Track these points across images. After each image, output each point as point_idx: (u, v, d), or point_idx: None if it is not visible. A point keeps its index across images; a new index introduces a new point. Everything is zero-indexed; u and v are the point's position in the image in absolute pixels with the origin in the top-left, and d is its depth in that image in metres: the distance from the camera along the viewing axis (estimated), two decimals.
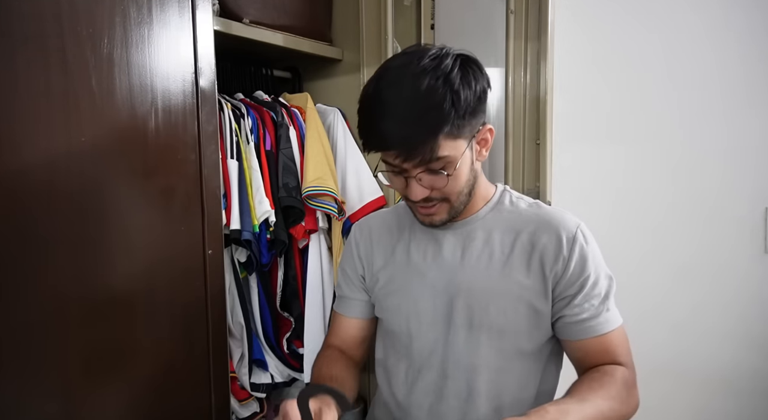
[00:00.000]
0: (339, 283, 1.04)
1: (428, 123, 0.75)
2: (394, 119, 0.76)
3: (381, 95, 0.78)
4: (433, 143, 0.76)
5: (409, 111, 0.75)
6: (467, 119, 0.79)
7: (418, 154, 0.76)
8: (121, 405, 1.01)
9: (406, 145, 0.76)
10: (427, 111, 0.75)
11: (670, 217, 1.54)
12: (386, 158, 0.81)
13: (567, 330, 0.88)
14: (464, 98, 0.77)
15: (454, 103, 0.76)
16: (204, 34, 1.09)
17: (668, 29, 1.49)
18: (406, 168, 0.80)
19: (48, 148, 0.89)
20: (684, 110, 1.51)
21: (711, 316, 1.52)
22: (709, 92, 1.49)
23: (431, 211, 0.86)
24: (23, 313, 0.88)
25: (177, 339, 1.09)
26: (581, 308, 0.87)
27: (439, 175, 0.80)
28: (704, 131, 1.50)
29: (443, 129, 0.76)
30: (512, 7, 1.36)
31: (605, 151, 1.55)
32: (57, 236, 0.91)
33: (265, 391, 1.38)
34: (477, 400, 0.89)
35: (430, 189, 0.82)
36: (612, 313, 0.88)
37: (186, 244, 1.09)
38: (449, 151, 0.78)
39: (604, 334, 0.87)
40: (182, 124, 1.07)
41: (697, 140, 1.51)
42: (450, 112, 0.76)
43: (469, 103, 0.78)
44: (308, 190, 1.37)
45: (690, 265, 1.53)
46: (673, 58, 1.50)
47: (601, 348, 0.87)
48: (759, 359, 1.50)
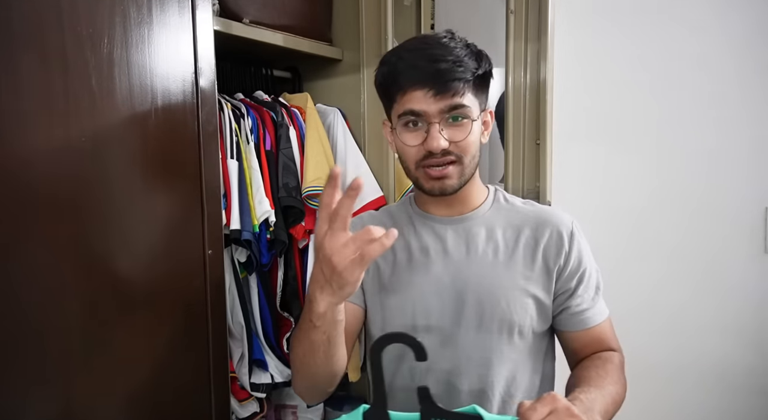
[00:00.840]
0: None
1: (459, 66, 0.82)
2: (428, 57, 0.82)
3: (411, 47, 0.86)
4: (464, 84, 0.82)
5: (442, 54, 0.82)
6: (483, 86, 0.88)
7: (449, 90, 0.81)
8: (121, 405, 1.01)
9: (441, 79, 0.81)
10: (457, 58, 0.82)
11: (670, 217, 1.55)
12: (411, 104, 0.84)
13: (568, 321, 0.93)
14: (484, 62, 0.86)
15: (477, 59, 0.85)
16: (204, 34, 1.09)
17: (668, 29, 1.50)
18: (430, 112, 0.83)
19: (48, 148, 0.89)
20: (684, 110, 1.51)
21: (710, 315, 1.53)
22: (709, 92, 1.49)
23: (446, 171, 0.86)
24: (23, 313, 0.88)
25: (177, 339, 1.09)
26: (582, 299, 0.92)
27: (459, 127, 0.84)
28: (704, 131, 1.50)
29: (470, 75, 0.83)
30: (512, 7, 1.36)
31: (605, 151, 1.55)
32: (57, 236, 0.91)
33: (265, 391, 1.38)
34: (489, 392, 0.90)
35: (450, 142, 0.84)
36: (602, 303, 0.95)
37: (186, 244, 1.09)
38: (471, 103, 0.84)
39: (599, 323, 0.93)
40: (182, 124, 1.07)
41: (697, 140, 1.51)
42: (474, 64, 0.84)
43: (487, 70, 0.87)
44: (308, 190, 1.37)
45: (689, 265, 1.54)
46: (673, 58, 1.50)
47: (599, 337, 0.93)
48: (756, 358, 1.50)
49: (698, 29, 1.47)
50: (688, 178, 1.52)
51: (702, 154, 1.51)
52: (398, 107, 0.87)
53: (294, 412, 1.56)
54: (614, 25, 1.52)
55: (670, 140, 1.52)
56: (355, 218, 1.06)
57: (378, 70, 0.89)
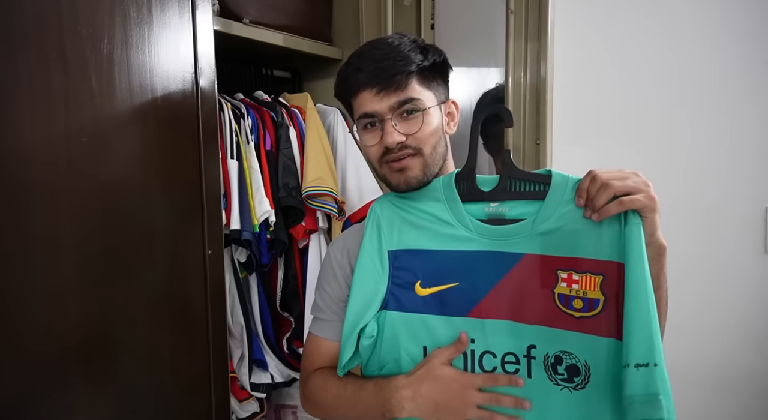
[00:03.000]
0: (317, 304, 0.95)
1: (401, 61, 0.85)
2: (370, 59, 0.86)
3: (358, 52, 0.89)
4: (406, 78, 0.85)
5: (384, 54, 0.86)
6: (435, 77, 0.89)
7: (393, 85, 0.84)
8: (121, 405, 1.01)
9: (382, 77, 0.84)
10: (399, 54, 0.86)
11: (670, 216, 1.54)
12: (362, 107, 0.88)
13: None
14: (431, 55, 0.88)
15: (422, 52, 0.87)
16: (204, 34, 1.09)
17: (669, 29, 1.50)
18: (381, 111, 0.86)
19: (48, 148, 0.89)
20: (684, 110, 1.51)
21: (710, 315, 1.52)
22: (709, 92, 1.49)
23: (405, 163, 0.87)
24: (23, 312, 0.88)
25: (177, 339, 1.09)
26: None
27: (413, 120, 0.86)
28: (704, 131, 1.50)
29: (414, 67, 0.85)
30: (512, 7, 1.36)
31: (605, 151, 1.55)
32: (57, 236, 0.91)
33: (265, 391, 1.38)
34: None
35: (405, 135, 0.86)
36: None
37: (186, 244, 1.10)
38: (420, 95, 0.86)
39: None
40: (182, 124, 1.07)
41: (698, 140, 1.51)
42: (419, 57, 0.86)
43: (435, 62, 0.89)
44: (308, 190, 1.37)
45: (689, 265, 1.53)
46: (674, 58, 1.50)
47: None
48: (757, 359, 1.50)
49: (699, 29, 1.47)
50: (688, 178, 1.52)
51: (702, 153, 1.50)
52: (355, 113, 0.90)
53: (294, 412, 1.56)
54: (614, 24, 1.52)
55: (670, 140, 1.52)
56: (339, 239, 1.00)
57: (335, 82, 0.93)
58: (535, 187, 0.80)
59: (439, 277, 0.82)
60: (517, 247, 0.79)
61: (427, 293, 0.83)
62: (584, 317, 0.75)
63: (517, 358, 0.78)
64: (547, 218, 0.78)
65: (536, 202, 0.80)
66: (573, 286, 0.76)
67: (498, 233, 0.80)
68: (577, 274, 0.75)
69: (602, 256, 0.74)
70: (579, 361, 0.75)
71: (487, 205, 0.83)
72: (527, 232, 0.79)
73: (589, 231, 0.75)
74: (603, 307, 0.74)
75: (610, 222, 0.75)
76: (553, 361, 0.76)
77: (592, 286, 0.74)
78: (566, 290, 0.76)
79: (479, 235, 0.81)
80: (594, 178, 0.75)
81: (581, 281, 0.75)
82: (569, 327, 0.75)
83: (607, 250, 0.74)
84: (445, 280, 0.82)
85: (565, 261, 0.76)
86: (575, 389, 0.75)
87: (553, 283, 0.77)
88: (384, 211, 0.88)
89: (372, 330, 0.84)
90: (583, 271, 0.75)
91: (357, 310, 0.84)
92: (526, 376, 0.78)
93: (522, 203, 0.81)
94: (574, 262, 0.76)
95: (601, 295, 0.74)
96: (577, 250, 0.76)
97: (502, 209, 0.82)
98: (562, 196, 0.78)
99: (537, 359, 0.77)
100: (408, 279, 0.84)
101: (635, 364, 0.70)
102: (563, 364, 0.75)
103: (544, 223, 0.78)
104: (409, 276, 0.84)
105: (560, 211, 0.77)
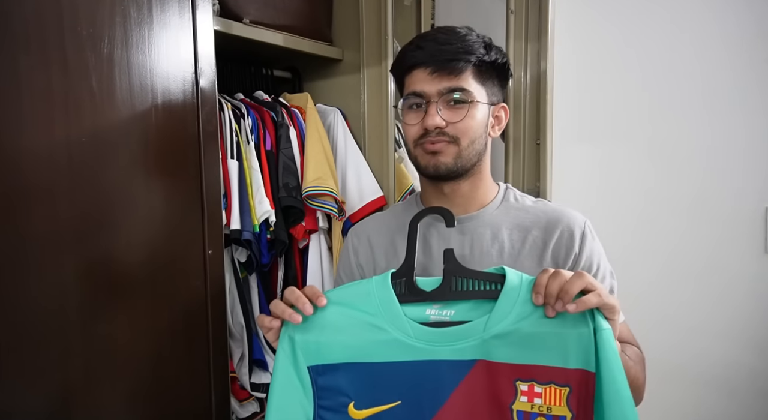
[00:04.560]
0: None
1: (462, 49, 0.84)
2: (434, 40, 0.86)
3: (424, 34, 0.89)
4: (463, 67, 0.84)
5: (448, 39, 0.85)
6: (492, 76, 0.88)
7: (447, 70, 0.83)
8: (121, 404, 1.01)
9: (440, 59, 0.84)
10: (464, 42, 0.85)
11: (670, 217, 1.54)
12: (413, 86, 0.87)
13: None
14: (494, 53, 0.87)
15: (485, 48, 0.86)
16: (204, 34, 1.09)
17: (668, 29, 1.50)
18: (429, 93, 0.85)
19: (48, 148, 0.89)
20: (684, 110, 1.51)
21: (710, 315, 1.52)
22: (709, 92, 1.49)
23: (439, 147, 0.86)
24: (22, 312, 0.88)
25: (177, 339, 1.09)
26: None
27: (458, 110, 0.85)
28: (704, 131, 1.50)
29: (473, 59, 0.84)
30: (512, 7, 1.36)
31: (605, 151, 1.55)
32: (57, 236, 0.91)
33: (265, 391, 1.38)
34: None
35: (446, 122, 0.85)
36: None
37: (186, 244, 1.09)
38: (472, 88, 0.85)
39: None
40: (182, 124, 1.07)
41: (697, 140, 1.51)
42: (482, 51, 0.85)
43: (497, 61, 0.88)
44: (308, 190, 1.37)
45: (689, 265, 1.54)
46: (673, 58, 1.50)
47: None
48: (756, 359, 1.50)
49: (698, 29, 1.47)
50: (688, 177, 1.52)
51: (702, 154, 1.50)
52: (405, 89, 0.90)
53: None
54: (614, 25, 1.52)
55: (671, 140, 1.52)
56: (358, 225, 1.05)
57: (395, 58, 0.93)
58: (486, 286, 0.70)
59: (375, 395, 0.70)
60: (467, 353, 0.68)
61: (363, 417, 0.71)
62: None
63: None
64: (501, 319, 0.67)
65: (487, 304, 0.69)
66: (535, 401, 0.65)
67: (443, 337, 0.69)
68: (540, 385, 0.65)
69: (569, 364, 0.65)
70: None
71: (429, 307, 0.72)
72: (479, 334, 0.67)
73: (550, 334, 0.65)
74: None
75: (575, 324, 0.65)
76: None
77: (557, 401, 0.65)
78: (527, 406, 0.65)
79: (420, 342, 0.69)
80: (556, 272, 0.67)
81: (544, 394, 0.65)
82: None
83: (573, 356, 0.64)
84: (384, 399, 0.70)
85: (524, 369, 0.66)
86: None
87: (511, 397, 0.66)
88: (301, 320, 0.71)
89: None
90: (546, 382, 0.65)
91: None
92: None
93: (470, 305, 0.71)
94: (536, 371, 0.65)
95: (568, 411, 0.64)
96: (538, 357, 0.66)
97: (446, 312, 0.71)
98: (518, 295, 0.67)
99: None
100: (338, 400, 0.71)
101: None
102: None
103: (498, 325, 0.67)
104: (339, 396, 0.71)
105: (516, 311, 0.67)
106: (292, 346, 0.72)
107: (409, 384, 0.69)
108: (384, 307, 0.71)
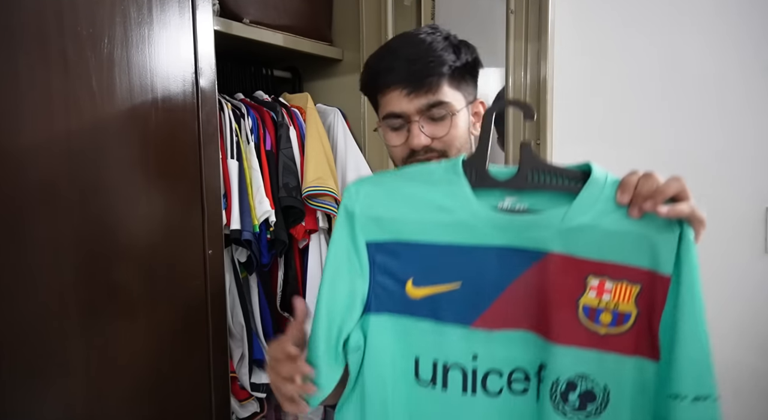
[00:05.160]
0: None
1: (434, 62, 0.82)
2: (403, 58, 0.83)
3: (389, 46, 0.87)
4: (438, 81, 0.82)
5: (416, 53, 0.83)
6: (465, 77, 0.87)
7: (423, 87, 0.81)
8: (122, 404, 1.01)
9: (413, 78, 0.82)
10: (432, 54, 0.83)
11: None
12: (390, 107, 0.85)
13: None
14: (463, 54, 0.85)
15: (455, 53, 0.84)
16: (204, 34, 1.09)
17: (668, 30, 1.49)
18: (409, 112, 0.83)
19: (49, 148, 0.89)
20: (683, 110, 1.51)
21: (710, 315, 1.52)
22: (708, 93, 1.49)
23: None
24: (23, 313, 0.88)
25: (177, 339, 1.09)
26: None
27: (440, 123, 0.84)
28: (704, 131, 1.50)
29: (446, 69, 0.82)
30: (512, 7, 1.36)
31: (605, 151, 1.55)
32: (56, 236, 0.91)
33: (265, 391, 1.38)
34: None
35: (431, 138, 0.84)
36: None
37: (186, 244, 1.09)
38: (450, 98, 0.83)
39: None
40: (182, 124, 1.07)
41: (697, 140, 1.51)
42: (452, 58, 0.83)
43: (468, 62, 0.86)
44: (308, 190, 1.37)
45: None
46: (672, 59, 1.50)
47: None
48: (758, 359, 1.50)
49: (700, 29, 1.47)
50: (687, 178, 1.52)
51: (702, 154, 1.50)
52: (381, 110, 0.88)
53: None
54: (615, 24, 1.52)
55: (671, 140, 1.52)
56: None
57: (362, 73, 0.90)
58: (566, 181, 0.66)
59: (435, 275, 0.69)
60: (538, 243, 0.65)
61: (420, 295, 0.70)
62: (610, 334, 0.64)
63: (527, 376, 0.68)
64: (581, 213, 0.64)
65: (565, 198, 0.65)
66: (603, 297, 0.64)
67: (514, 224, 0.65)
68: (611, 282, 0.64)
69: (644, 264, 0.63)
70: (597, 385, 0.65)
71: (501, 197, 0.68)
72: (554, 226, 0.64)
73: (631, 234, 0.63)
74: (634, 323, 0.64)
75: (659, 228, 0.64)
76: (565, 389, 0.65)
77: (626, 298, 0.64)
78: (594, 302, 0.65)
79: (490, 227, 0.66)
80: (648, 174, 0.66)
81: (614, 291, 0.64)
82: (590, 344, 0.65)
83: (651, 258, 0.63)
84: (444, 279, 0.68)
85: (598, 265, 0.64)
86: (586, 418, 0.65)
87: (579, 292, 0.65)
88: (361, 194, 0.70)
89: (358, 340, 0.70)
90: (618, 278, 0.64)
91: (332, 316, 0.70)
92: (535, 398, 0.67)
93: (546, 199, 0.67)
94: (610, 268, 0.64)
95: (635, 308, 0.64)
96: (614, 254, 0.64)
97: (519, 204, 0.68)
98: (602, 192, 0.65)
99: (545, 382, 0.66)
100: (396, 276, 0.70)
101: (693, 396, 0.61)
102: (577, 390, 0.65)
103: (577, 218, 0.64)
104: (398, 272, 0.70)
105: (598, 207, 0.64)
106: (351, 221, 0.70)
107: (472, 268, 0.67)
108: (453, 189, 0.68)
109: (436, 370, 0.70)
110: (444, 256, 0.68)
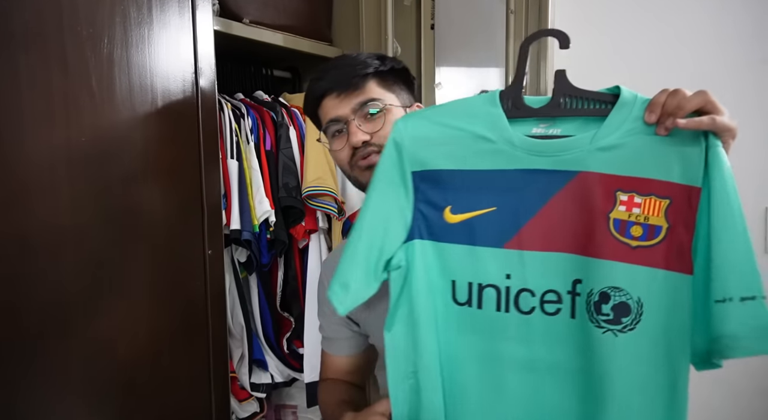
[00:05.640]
0: (321, 324, 1.01)
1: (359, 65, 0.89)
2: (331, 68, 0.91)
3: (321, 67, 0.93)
4: (364, 80, 0.88)
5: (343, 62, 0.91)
6: (397, 82, 0.92)
7: (351, 87, 0.87)
8: (121, 404, 1.01)
9: (341, 80, 0.88)
10: (357, 59, 0.90)
11: None
12: (328, 115, 0.90)
13: None
14: (388, 62, 0.91)
15: (380, 59, 0.91)
16: (204, 34, 1.09)
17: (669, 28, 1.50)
18: (344, 114, 0.88)
19: (48, 148, 0.89)
20: None
21: None
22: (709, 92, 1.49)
23: (372, 160, 0.88)
24: (22, 312, 0.88)
25: (177, 339, 1.09)
26: None
27: (376, 118, 0.88)
28: None
29: (371, 70, 0.88)
30: (512, 7, 1.36)
31: None
32: (57, 236, 0.91)
33: (265, 391, 1.38)
34: None
35: (370, 134, 0.87)
36: None
37: (186, 244, 1.10)
38: (381, 95, 0.89)
39: None
40: (182, 125, 1.07)
41: None
42: (376, 62, 0.89)
43: (394, 68, 0.92)
44: (308, 190, 1.37)
45: None
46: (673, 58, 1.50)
47: None
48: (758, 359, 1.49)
49: (699, 28, 1.47)
50: None
51: None
52: (322, 122, 0.93)
53: (294, 412, 1.56)
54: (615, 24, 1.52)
55: None
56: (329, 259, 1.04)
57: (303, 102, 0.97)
58: (598, 105, 0.70)
59: (473, 201, 0.72)
60: (570, 164, 0.68)
61: (458, 220, 0.73)
62: (641, 247, 0.66)
63: (559, 297, 0.69)
64: (610, 133, 0.67)
65: (596, 122, 0.69)
66: (633, 211, 0.66)
67: (547, 148, 0.69)
68: (640, 196, 0.66)
69: (672, 178, 0.65)
70: (631, 298, 0.66)
71: (536, 124, 0.72)
72: (584, 147, 0.67)
73: (658, 150, 0.65)
74: (665, 236, 0.65)
75: (686, 142, 0.65)
76: (598, 300, 0.67)
77: (656, 212, 0.65)
78: (624, 215, 0.66)
79: (524, 152, 0.70)
80: (675, 91, 0.66)
81: (643, 205, 0.66)
82: (622, 258, 0.66)
83: (679, 171, 0.65)
84: (481, 204, 0.72)
85: (626, 181, 0.66)
86: (621, 332, 0.66)
87: (609, 206, 0.67)
88: (409, 128, 0.75)
89: (399, 260, 0.74)
90: (646, 193, 0.66)
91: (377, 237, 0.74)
92: (569, 316, 0.69)
93: (579, 123, 0.71)
94: (638, 183, 0.66)
95: (665, 221, 0.65)
96: (642, 170, 0.66)
97: (554, 130, 0.71)
98: (630, 112, 0.68)
99: (581, 296, 0.68)
100: (436, 204, 0.74)
101: (741, 297, 0.61)
102: (610, 302, 0.66)
103: (605, 138, 0.67)
104: (438, 200, 0.74)
105: (626, 127, 0.67)
106: (399, 151, 0.75)
107: (507, 191, 0.71)
108: (490, 119, 0.72)
109: (471, 291, 0.73)
110: (481, 181, 0.72)
